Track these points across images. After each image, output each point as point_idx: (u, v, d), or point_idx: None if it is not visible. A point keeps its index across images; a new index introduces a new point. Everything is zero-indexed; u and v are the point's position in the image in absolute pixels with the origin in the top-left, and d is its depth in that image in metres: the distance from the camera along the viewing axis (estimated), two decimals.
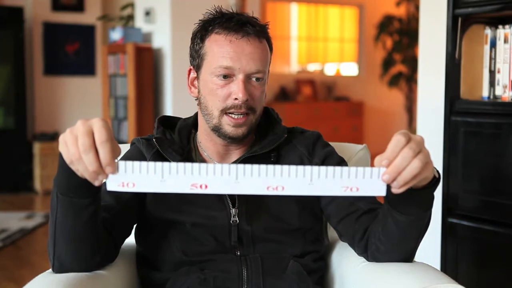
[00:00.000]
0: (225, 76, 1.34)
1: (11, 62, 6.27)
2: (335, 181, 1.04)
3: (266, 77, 1.41)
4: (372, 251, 1.33)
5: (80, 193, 1.15)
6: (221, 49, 1.34)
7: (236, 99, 1.34)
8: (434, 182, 1.17)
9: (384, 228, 1.27)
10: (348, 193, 1.05)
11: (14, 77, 6.28)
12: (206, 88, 1.38)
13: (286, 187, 1.04)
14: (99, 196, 1.19)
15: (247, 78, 1.35)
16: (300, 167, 1.04)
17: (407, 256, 1.31)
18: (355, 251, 1.40)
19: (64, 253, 1.23)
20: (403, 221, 1.23)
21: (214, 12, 1.40)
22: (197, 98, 1.44)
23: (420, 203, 1.21)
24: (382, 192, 1.05)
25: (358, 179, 1.04)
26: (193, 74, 1.44)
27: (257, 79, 1.36)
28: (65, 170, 1.09)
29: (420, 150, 1.05)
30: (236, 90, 1.33)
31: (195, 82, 1.44)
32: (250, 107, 1.36)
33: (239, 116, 1.36)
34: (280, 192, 1.05)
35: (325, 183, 1.04)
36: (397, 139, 1.04)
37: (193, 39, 1.43)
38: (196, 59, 1.41)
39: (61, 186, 1.14)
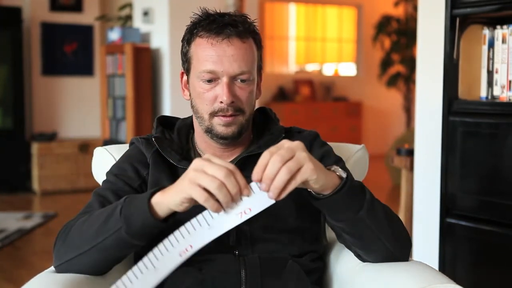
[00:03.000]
0: (209, 80, 1.36)
1: (9, 62, 6.26)
2: (228, 212, 1.09)
3: (255, 76, 1.41)
4: (356, 252, 1.37)
5: (143, 239, 1.19)
6: (203, 53, 1.36)
7: (221, 102, 1.35)
8: (345, 182, 1.18)
9: (345, 238, 1.31)
10: (244, 217, 1.09)
11: (12, 77, 6.27)
12: (194, 92, 1.40)
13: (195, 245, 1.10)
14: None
15: (232, 79, 1.36)
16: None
17: (387, 255, 1.31)
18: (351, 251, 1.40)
19: (84, 264, 1.25)
20: (343, 227, 1.26)
21: (200, 13, 1.41)
22: (190, 101, 1.45)
23: (342, 207, 1.21)
24: (271, 201, 1.08)
25: (245, 200, 1.08)
26: (185, 77, 1.46)
27: (242, 80, 1.37)
28: (152, 224, 1.15)
29: (293, 155, 1.08)
30: (221, 94, 1.35)
31: (187, 86, 1.45)
32: (237, 109, 1.37)
33: (227, 117, 1.37)
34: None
35: (222, 219, 1.10)
36: (262, 156, 1.08)
37: (182, 42, 1.44)
38: (185, 63, 1.43)
39: (133, 230, 1.16)
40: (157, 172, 1.39)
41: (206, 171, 1.07)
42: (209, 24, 1.36)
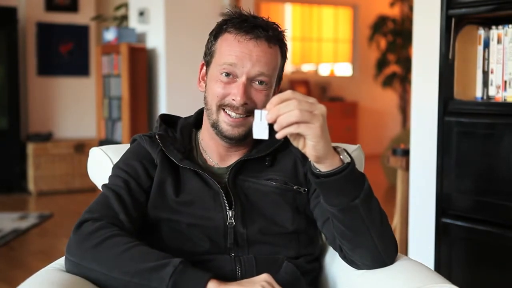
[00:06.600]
0: (228, 74, 1.35)
1: (4, 63, 6.24)
2: None
3: (273, 84, 1.40)
4: (346, 255, 1.35)
5: None
6: (228, 47, 1.36)
7: (233, 100, 1.35)
8: (343, 167, 1.19)
9: (335, 228, 1.29)
10: None
11: (7, 77, 6.25)
12: (210, 83, 1.40)
13: None
14: None
15: (250, 81, 1.35)
16: None
17: (375, 254, 1.30)
18: (339, 255, 1.40)
19: (99, 281, 1.24)
20: (335, 213, 1.25)
21: (233, 12, 1.41)
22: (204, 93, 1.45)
23: (337, 190, 1.22)
24: (265, 135, 1.16)
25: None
26: (204, 69, 1.46)
27: (260, 82, 1.36)
28: None
29: (312, 111, 1.12)
30: (235, 92, 1.34)
31: (205, 78, 1.45)
32: (249, 110, 1.36)
33: (237, 116, 1.36)
34: None
35: None
36: (285, 93, 1.13)
37: (209, 36, 1.44)
38: (207, 56, 1.43)
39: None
40: (163, 173, 1.39)
41: (275, 287, 1.19)
42: (240, 22, 1.37)
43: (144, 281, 1.18)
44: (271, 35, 1.37)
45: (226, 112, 1.37)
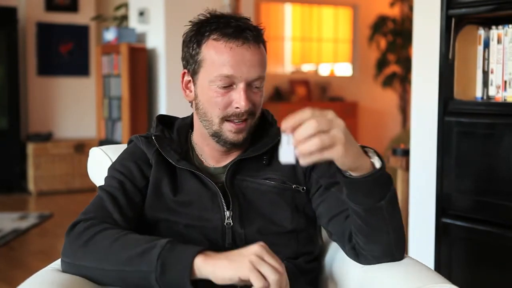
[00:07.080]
0: (225, 85, 1.33)
1: (4, 63, 6.25)
2: None
3: (264, 80, 1.40)
4: (356, 247, 1.33)
5: None
6: (220, 57, 1.32)
7: (237, 108, 1.33)
8: (374, 172, 1.18)
9: (353, 222, 1.28)
10: None
11: (7, 77, 6.26)
12: (204, 95, 1.37)
13: None
14: None
15: (248, 85, 1.34)
16: None
17: (387, 249, 1.30)
18: (344, 251, 1.39)
19: (95, 277, 1.24)
20: (358, 211, 1.24)
21: (207, 15, 1.38)
22: (192, 102, 1.43)
23: (365, 192, 1.20)
24: (291, 160, 1.08)
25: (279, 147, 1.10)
26: (187, 77, 1.42)
27: (257, 85, 1.35)
28: (185, 285, 1.13)
29: (330, 128, 1.07)
30: (238, 99, 1.33)
31: (190, 86, 1.42)
32: (250, 113, 1.36)
33: (240, 122, 1.36)
34: None
35: None
36: (303, 112, 1.06)
37: (188, 42, 1.40)
38: (192, 65, 1.38)
39: (164, 282, 1.15)
40: (159, 173, 1.39)
41: (266, 260, 1.11)
42: (225, 27, 1.33)
43: (135, 267, 1.17)
44: (256, 34, 1.35)
45: (230, 121, 1.35)
